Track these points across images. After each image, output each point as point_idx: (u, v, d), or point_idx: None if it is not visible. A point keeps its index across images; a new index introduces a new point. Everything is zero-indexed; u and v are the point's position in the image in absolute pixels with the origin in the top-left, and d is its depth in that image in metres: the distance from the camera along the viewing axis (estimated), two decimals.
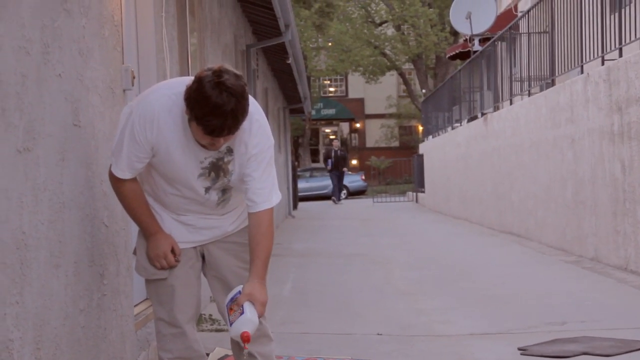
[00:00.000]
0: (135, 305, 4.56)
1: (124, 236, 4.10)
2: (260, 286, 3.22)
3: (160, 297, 3.37)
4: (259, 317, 3.20)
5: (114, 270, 3.87)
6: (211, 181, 3.26)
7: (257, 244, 3.26)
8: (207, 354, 4.75)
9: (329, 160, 27.29)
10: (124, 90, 4.26)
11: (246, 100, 2.98)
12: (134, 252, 3.49)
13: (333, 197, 27.51)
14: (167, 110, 3.11)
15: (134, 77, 4.41)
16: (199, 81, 2.93)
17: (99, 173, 3.65)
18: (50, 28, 3.06)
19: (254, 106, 3.18)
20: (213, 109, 2.90)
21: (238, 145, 3.18)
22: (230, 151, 3.20)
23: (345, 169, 27.49)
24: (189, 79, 3.05)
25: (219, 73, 2.93)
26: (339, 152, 27.44)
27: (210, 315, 5.97)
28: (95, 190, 3.58)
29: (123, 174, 3.22)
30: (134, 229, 4.53)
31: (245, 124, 3.09)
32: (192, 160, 3.19)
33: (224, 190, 3.31)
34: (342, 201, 32.26)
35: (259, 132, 3.20)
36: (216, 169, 3.24)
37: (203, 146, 3.10)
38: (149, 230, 3.32)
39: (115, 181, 3.27)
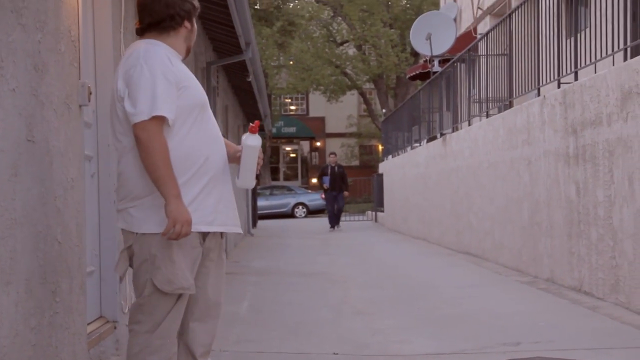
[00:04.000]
0: (88, 324, 4.51)
1: (77, 253, 4.05)
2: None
3: (162, 311, 3.33)
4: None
5: (66, 287, 3.83)
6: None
7: None
8: None
9: (325, 178, 22.26)
10: (80, 106, 4.23)
11: None
12: (117, 267, 3.42)
13: (332, 226, 22.45)
14: (164, 50, 3.40)
15: (90, 93, 4.38)
16: None
17: (52, 189, 3.61)
18: (5, 42, 3.03)
19: None
20: None
21: None
22: None
23: (346, 193, 22.40)
24: (147, 46, 3.41)
25: None
26: (336, 168, 22.32)
27: None
28: (48, 207, 3.55)
29: (167, 111, 3.26)
30: (89, 245, 4.49)
31: None
32: None
33: None
34: (304, 218, 32.31)
35: None
36: None
37: (186, 55, 3.55)
38: (175, 190, 3.26)
39: (152, 130, 3.23)
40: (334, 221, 22.29)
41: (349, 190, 22.55)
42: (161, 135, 3.25)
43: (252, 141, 3.50)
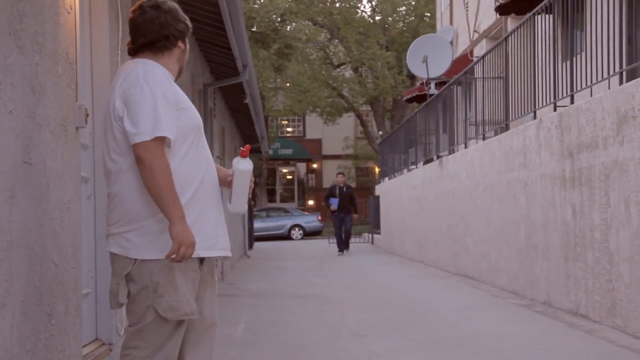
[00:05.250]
0: (83, 346, 4.49)
1: (73, 275, 4.05)
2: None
3: (164, 336, 3.30)
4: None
5: (62, 309, 3.82)
6: None
7: None
8: None
9: (333, 200, 21.01)
10: (77, 128, 4.24)
11: None
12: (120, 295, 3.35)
13: (340, 250, 21.16)
14: (161, 69, 3.40)
15: (87, 115, 4.39)
16: (156, 7, 3.41)
17: (49, 211, 3.61)
18: (3, 65, 3.04)
19: None
20: (178, 9, 3.50)
21: None
22: None
23: (355, 215, 21.35)
24: (141, 66, 3.36)
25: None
26: (345, 189, 21.13)
27: None
28: (45, 229, 3.54)
29: (170, 131, 3.24)
30: (84, 267, 4.48)
31: None
32: None
33: None
34: (301, 240, 32.24)
35: None
36: None
37: (178, 77, 3.54)
38: (180, 211, 3.21)
39: (155, 151, 3.19)
40: (343, 245, 21.12)
41: (356, 209, 21.40)
42: (164, 156, 3.21)
43: (243, 165, 3.47)
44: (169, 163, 3.22)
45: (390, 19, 37.20)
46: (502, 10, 14.91)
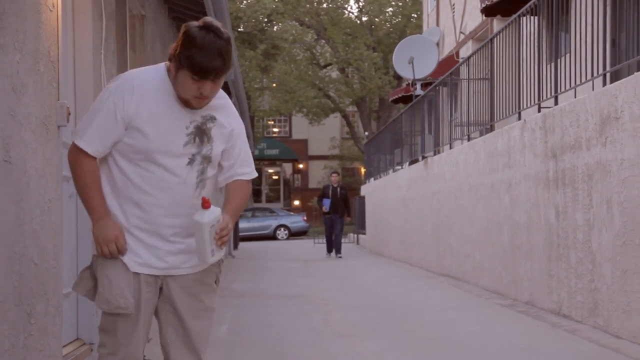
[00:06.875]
0: (64, 346, 4.47)
1: (54, 274, 4.03)
2: (230, 218, 3.32)
3: (119, 333, 3.29)
4: (223, 227, 3.25)
5: (42, 309, 3.80)
6: (197, 147, 3.29)
7: (237, 195, 3.43)
8: None
9: (325, 200, 19.87)
10: (58, 127, 4.22)
11: (231, 46, 3.15)
12: (77, 286, 3.35)
13: (334, 252, 20.03)
14: (148, 80, 3.23)
15: (69, 114, 4.37)
16: (185, 28, 3.12)
17: (29, 210, 3.59)
18: None
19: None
20: (201, 47, 3.05)
21: (219, 115, 3.33)
22: (213, 118, 3.31)
23: (348, 218, 20.36)
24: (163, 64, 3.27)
25: (205, 20, 3.13)
26: (339, 189, 19.92)
27: (144, 356, 5.87)
28: (24, 228, 3.53)
29: (87, 145, 3.19)
30: (65, 266, 4.47)
31: (226, 101, 3.37)
32: (178, 126, 3.25)
33: (202, 170, 3.32)
34: (286, 240, 32.26)
35: (236, 113, 3.43)
36: (200, 134, 3.29)
37: (188, 105, 3.21)
38: (99, 212, 3.23)
39: (77, 155, 3.21)
40: (332, 247, 20.09)
41: (350, 211, 20.42)
42: (84, 162, 3.20)
43: (200, 217, 3.22)
44: (92, 166, 3.23)
45: (377, 19, 37.28)
46: (488, 11, 14.96)
